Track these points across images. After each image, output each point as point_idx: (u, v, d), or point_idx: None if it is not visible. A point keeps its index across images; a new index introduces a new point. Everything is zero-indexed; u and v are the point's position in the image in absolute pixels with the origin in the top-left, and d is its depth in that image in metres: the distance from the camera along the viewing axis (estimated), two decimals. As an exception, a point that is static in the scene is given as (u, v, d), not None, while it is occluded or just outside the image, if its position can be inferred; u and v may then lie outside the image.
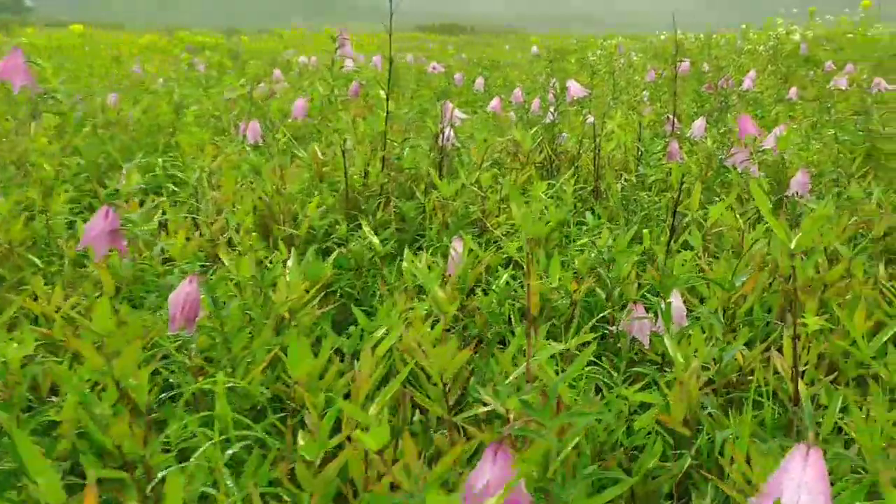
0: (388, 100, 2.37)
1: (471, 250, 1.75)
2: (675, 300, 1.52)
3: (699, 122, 3.00)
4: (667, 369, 1.53)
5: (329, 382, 1.43)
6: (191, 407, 1.32)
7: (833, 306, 1.43)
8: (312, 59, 8.40)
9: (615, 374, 1.49)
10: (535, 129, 2.99)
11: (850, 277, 1.88)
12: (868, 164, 3.54)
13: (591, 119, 4.39)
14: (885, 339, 1.43)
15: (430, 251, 1.92)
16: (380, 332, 1.35)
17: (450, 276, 1.71)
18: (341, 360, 1.48)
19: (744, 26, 12.50)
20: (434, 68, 5.78)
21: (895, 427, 1.31)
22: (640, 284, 1.85)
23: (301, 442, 0.94)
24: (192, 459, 1.04)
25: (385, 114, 2.33)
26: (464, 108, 4.92)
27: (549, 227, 2.27)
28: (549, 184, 2.58)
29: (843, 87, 4.29)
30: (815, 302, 1.74)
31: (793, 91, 5.32)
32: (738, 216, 2.06)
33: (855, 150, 3.62)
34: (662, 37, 12.57)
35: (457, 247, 1.74)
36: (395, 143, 2.43)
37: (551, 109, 3.84)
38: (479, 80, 4.80)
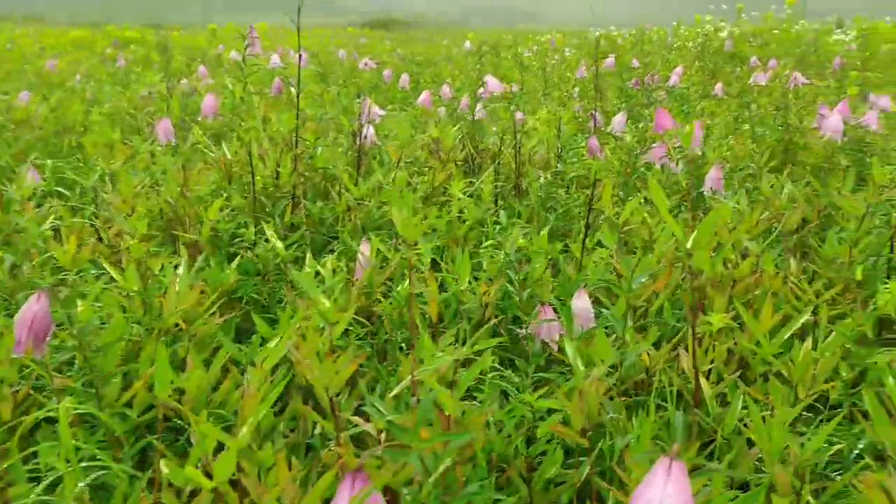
0: (298, 97, 2.30)
1: (379, 252, 1.70)
2: (581, 301, 1.49)
3: (619, 118, 3.00)
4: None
5: (224, 396, 1.36)
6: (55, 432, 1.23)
7: (737, 304, 1.42)
8: (275, 56, 8.21)
9: (522, 380, 1.46)
10: (457, 126, 2.95)
11: (760, 272, 1.89)
12: (786, 158, 3.62)
13: (520, 115, 4.39)
14: (788, 333, 1.43)
15: (340, 255, 1.86)
16: (273, 343, 1.28)
17: (357, 280, 1.66)
18: (243, 373, 1.41)
19: (675, 23, 12.75)
20: (366, 64, 5.69)
21: (793, 428, 1.31)
22: (554, 286, 1.83)
23: (164, 469, 0.87)
24: (55, 490, 0.96)
25: (296, 111, 2.26)
26: (391, 105, 4.86)
27: (465, 226, 2.24)
28: (469, 182, 2.55)
29: (763, 83, 4.37)
30: (725, 298, 1.74)
31: (718, 87, 5.42)
32: (646, 214, 2.05)
33: (772, 144, 3.70)
34: (597, 33, 12.71)
35: (364, 250, 1.68)
36: (308, 142, 2.36)
37: (478, 105, 3.82)
38: (404, 77, 4.74)
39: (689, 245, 1.13)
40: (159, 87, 4.38)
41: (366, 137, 2.70)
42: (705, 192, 2.44)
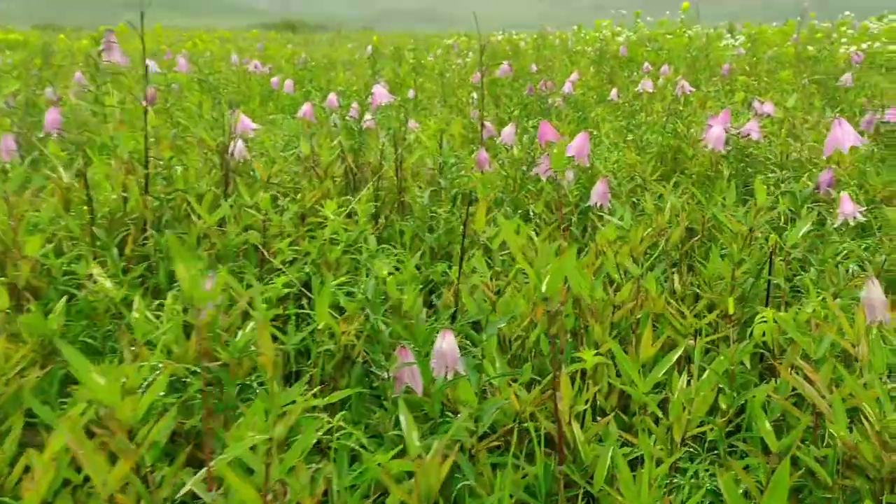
0: (146, 111, 2.08)
1: (228, 288, 1.52)
2: (445, 342, 1.36)
3: (508, 129, 2.90)
4: (449, 414, 1.37)
5: (19, 475, 1.16)
6: None
7: (610, 343, 1.32)
8: (152, 63, 7.76)
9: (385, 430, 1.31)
10: (337, 140, 2.78)
11: (643, 295, 1.82)
12: (675, 166, 3.62)
13: (413, 124, 4.26)
14: (665, 369, 1.34)
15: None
16: (79, 408, 1.09)
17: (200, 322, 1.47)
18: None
19: (575, 27, 12.94)
20: (255, 67, 5.44)
21: (670, 473, 1.21)
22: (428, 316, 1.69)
23: None
24: None
25: (145, 126, 2.04)
26: (280, 115, 4.64)
27: (337, 250, 2.08)
28: (346, 200, 2.39)
29: (651, 90, 4.39)
30: (606, 326, 1.65)
31: (614, 92, 5.44)
32: (533, 232, 1.95)
33: (658, 154, 3.69)
34: (499, 37, 12.75)
35: (207, 286, 1.49)
36: (163, 161, 2.14)
37: (368, 115, 3.65)
38: (288, 83, 4.53)
39: (543, 288, 1.00)
40: (21, 96, 4.02)
41: (232, 154, 2.50)
42: (593, 206, 2.37)
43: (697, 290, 1.85)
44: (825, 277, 1.62)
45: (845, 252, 1.83)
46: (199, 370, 1.33)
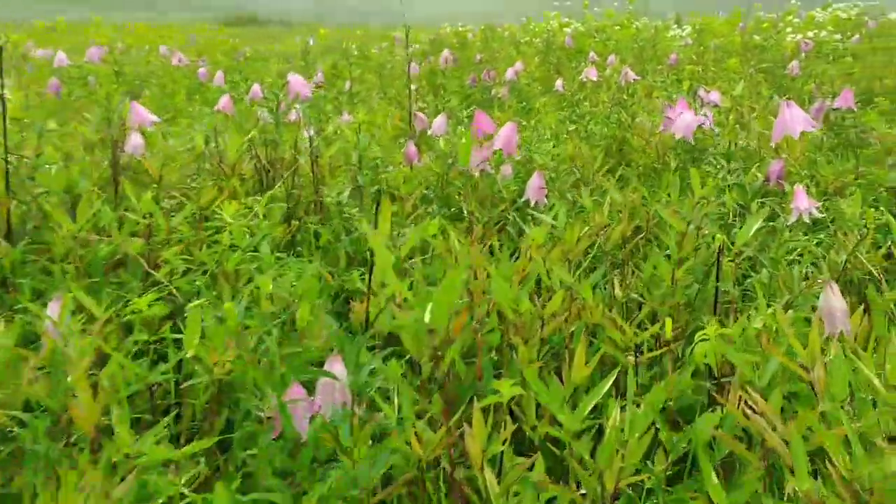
0: (3, 101, 1.80)
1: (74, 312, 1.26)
2: (336, 367, 1.13)
3: (439, 120, 2.68)
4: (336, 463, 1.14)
5: None
6: None
7: (527, 374, 1.11)
8: (60, 54, 7.34)
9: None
10: (250, 135, 2.52)
11: (580, 304, 1.61)
12: (621, 157, 3.44)
13: (347, 117, 4.01)
14: (597, 398, 1.13)
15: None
16: None
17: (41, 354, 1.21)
18: None
19: (524, 19, 12.78)
20: (180, 60, 5.12)
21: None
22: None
23: None
24: None
25: (3, 118, 1.76)
26: (207, 108, 4.35)
27: (235, 257, 1.83)
28: (255, 200, 2.14)
29: (595, 78, 4.22)
30: (535, 343, 1.43)
31: (559, 82, 5.26)
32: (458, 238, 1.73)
33: (603, 145, 3.51)
34: (447, 29, 12.52)
35: (52, 310, 1.24)
36: (27, 159, 1.87)
37: (296, 108, 3.40)
38: (219, 75, 4.24)
39: (427, 317, 0.78)
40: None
41: (134, 149, 2.23)
42: (529, 202, 2.16)
43: (640, 298, 1.65)
44: (778, 280, 1.43)
45: (799, 250, 1.65)
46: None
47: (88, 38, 12.45)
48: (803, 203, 1.50)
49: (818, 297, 1.23)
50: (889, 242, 2.04)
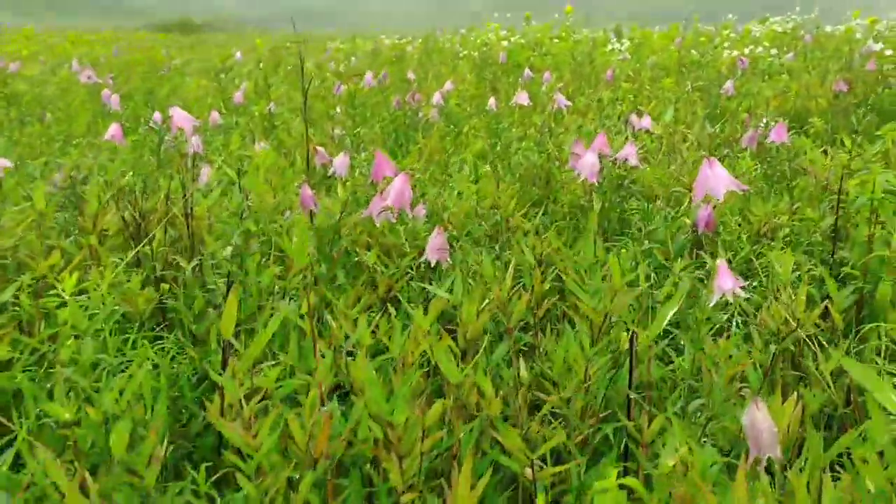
0: None
1: None
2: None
3: (340, 159, 2.42)
4: None
5: None
6: None
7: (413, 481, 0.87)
8: None
9: None
10: (126, 178, 2.23)
11: (477, 394, 1.38)
12: (547, 191, 3.24)
13: (261, 145, 3.72)
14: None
15: None
16: None
17: None
18: None
19: (463, 31, 12.61)
20: (88, 77, 4.75)
21: None
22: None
23: None
24: None
25: None
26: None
27: (68, 348, 1.55)
28: (115, 261, 1.85)
29: (525, 103, 4.02)
30: (415, 459, 1.19)
31: (492, 102, 5.05)
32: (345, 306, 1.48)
33: (533, 174, 3.31)
34: (387, 41, 12.27)
35: None
36: None
37: (193, 140, 3.11)
38: (114, 98, 3.90)
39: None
40: None
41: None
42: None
43: (550, 382, 1.42)
44: (701, 380, 1.22)
45: (725, 330, 1.45)
46: None
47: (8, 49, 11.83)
48: (727, 282, 1.29)
49: (743, 415, 1.01)
50: (825, 300, 1.87)
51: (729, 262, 2.33)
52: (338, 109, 4.91)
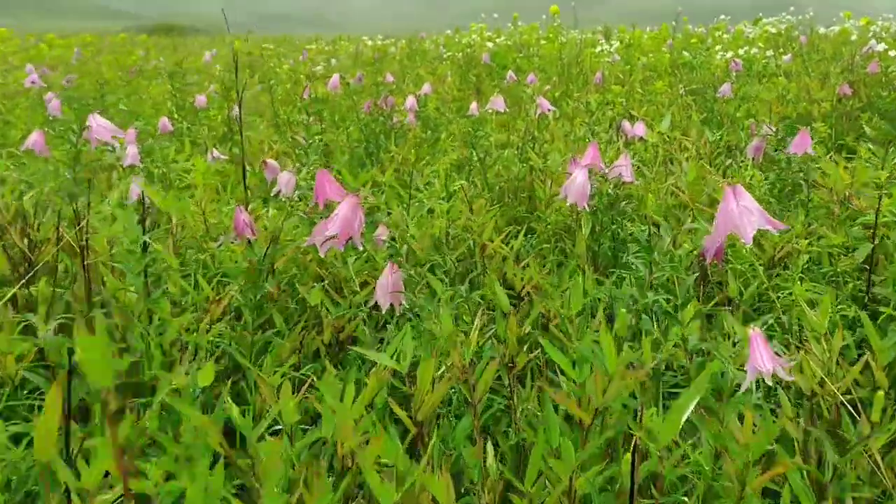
0: None
1: None
2: None
3: (286, 176, 2.06)
4: None
5: None
6: None
7: None
8: None
9: None
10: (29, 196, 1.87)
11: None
12: (531, 206, 2.89)
13: (217, 154, 3.36)
14: None
15: None
16: None
17: None
18: None
19: (449, 32, 12.25)
20: (32, 82, 4.38)
21: None
22: None
23: None
24: None
25: None
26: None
27: None
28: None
29: (501, 110, 3.67)
30: None
31: (474, 106, 4.70)
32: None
33: (516, 188, 2.97)
34: (370, 42, 11.91)
35: None
36: None
37: (129, 151, 2.78)
38: (55, 104, 3.52)
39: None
40: None
41: None
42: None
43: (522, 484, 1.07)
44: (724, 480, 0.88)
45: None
46: None
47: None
48: (765, 361, 0.95)
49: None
50: (861, 352, 1.54)
51: (740, 294, 1.98)
52: (308, 115, 4.55)
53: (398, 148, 3.63)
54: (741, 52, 6.34)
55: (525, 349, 1.48)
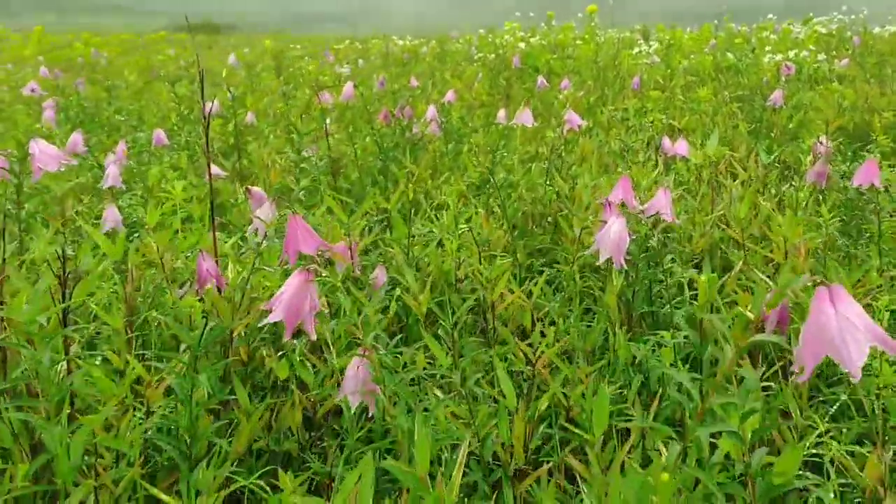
0: None
1: None
2: None
3: (266, 211, 1.77)
4: None
5: None
6: None
7: None
8: None
9: None
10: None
11: None
12: (556, 237, 2.57)
13: (216, 170, 3.11)
14: None
15: None
16: None
17: None
18: None
19: (482, 31, 11.89)
20: (32, 90, 4.16)
21: None
22: None
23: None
24: None
25: None
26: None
27: None
28: None
29: (529, 124, 3.34)
30: None
31: (501, 114, 4.38)
32: None
33: (542, 215, 2.65)
34: (400, 42, 11.62)
35: None
36: None
37: (109, 171, 2.55)
38: (49, 113, 3.28)
39: None
40: None
41: None
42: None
43: None
44: None
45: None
46: None
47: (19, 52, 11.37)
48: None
49: None
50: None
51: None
52: (328, 121, 4.25)
53: (415, 163, 3.33)
54: (791, 54, 5.91)
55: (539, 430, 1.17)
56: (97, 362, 1.42)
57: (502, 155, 3.14)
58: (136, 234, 2.18)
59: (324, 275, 1.15)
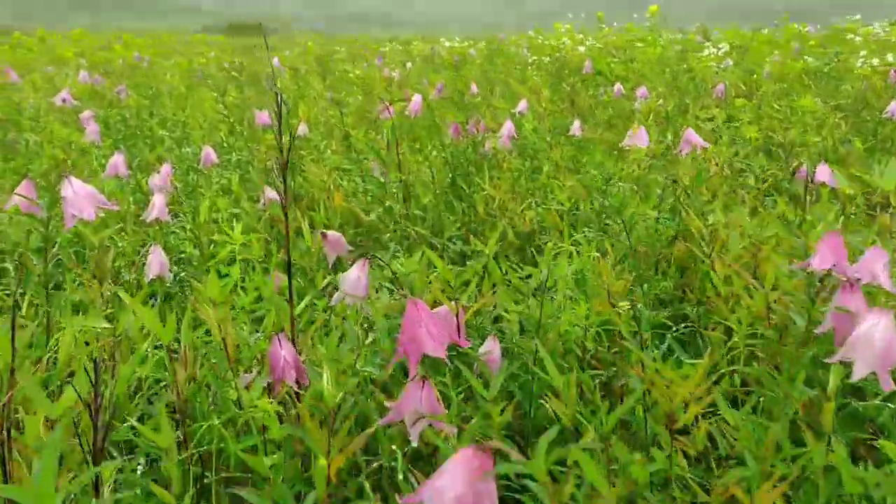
0: None
1: None
2: None
3: (353, 279, 1.36)
4: None
5: None
6: None
7: None
8: None
9: None
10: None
11: None
12: (687, 283, 2.13)
13: (271, 195, 2.78)
14: None
15: None
16: None
17: None
18: None
19: (531, 33, 11.42)
20: (64, 101, 3.83)
21: None
22: None
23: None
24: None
25: None
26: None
27: None
28: None
29: (644, 144, 2.90)
30: None
31: (577, 125, 3.96)
32: None
33: (664, 256, 2.22)
34: (447, 44, 11.20)
35: None
36: None
37: (156, 202, 2.20)
38: (93, 128, 2.92)
39: None
40: None
41: None
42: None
43: None
44: None
45: None
46: None
47: (60, 53, 11.20)
48: None
49: None
50: None
51: None
52: (381, 137, 3.85)
53: (491, 184, 2.91)
54: (889, 58, 5.37)
55: None
56: (137, 491, 1.04)
57: (595, 177, 2.70)
58: (184, 286, 1.80)
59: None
